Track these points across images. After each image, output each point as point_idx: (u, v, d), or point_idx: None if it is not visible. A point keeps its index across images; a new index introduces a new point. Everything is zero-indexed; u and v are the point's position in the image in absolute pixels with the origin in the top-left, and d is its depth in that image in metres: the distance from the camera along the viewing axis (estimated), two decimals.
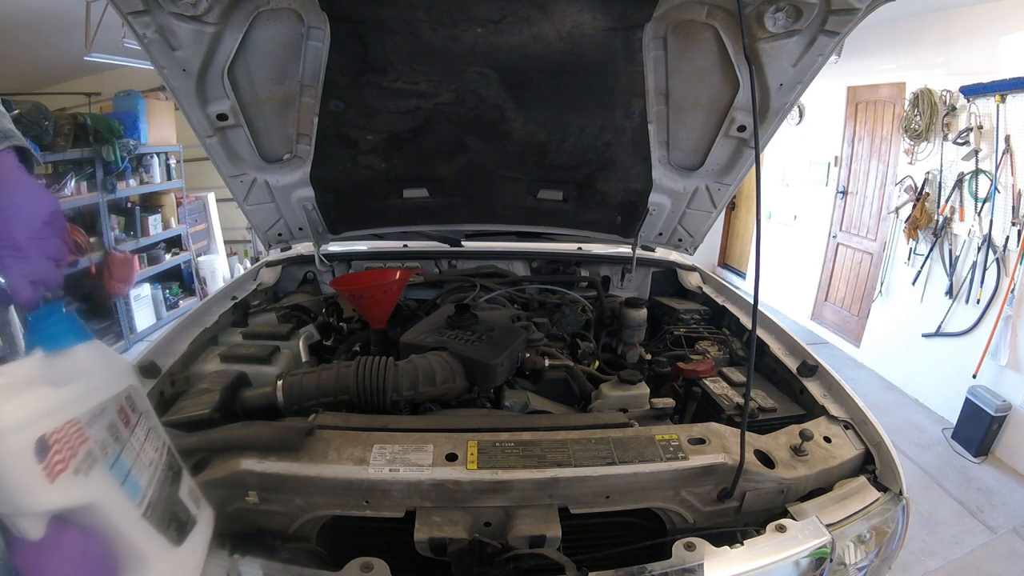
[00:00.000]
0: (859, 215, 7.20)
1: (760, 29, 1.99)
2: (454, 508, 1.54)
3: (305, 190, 2.70)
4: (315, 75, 2.23)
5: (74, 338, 1.09)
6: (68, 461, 0.94)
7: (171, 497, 1.21)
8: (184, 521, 1.23)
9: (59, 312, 1.10)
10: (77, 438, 0.97)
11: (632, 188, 2.80)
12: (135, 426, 1.15)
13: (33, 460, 0.88)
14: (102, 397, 1.08)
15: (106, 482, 1.02)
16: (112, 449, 1.06)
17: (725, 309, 3.02)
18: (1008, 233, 5.04)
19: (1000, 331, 5.13)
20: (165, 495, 1.19)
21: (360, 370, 1.92)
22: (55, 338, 1.06)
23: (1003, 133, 5.04)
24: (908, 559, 3.83)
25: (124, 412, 1.13)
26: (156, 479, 1.17)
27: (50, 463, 0.90)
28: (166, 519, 1.16)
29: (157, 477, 1.18)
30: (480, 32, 2.07)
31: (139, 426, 1.17)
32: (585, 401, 2.24)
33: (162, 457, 1.22)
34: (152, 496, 1.14)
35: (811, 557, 1.55)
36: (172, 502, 1.21)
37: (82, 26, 3.28)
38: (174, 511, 1.20)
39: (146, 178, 7.45)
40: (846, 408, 2.06)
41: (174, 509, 1.21)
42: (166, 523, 1.16)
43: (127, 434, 1.12)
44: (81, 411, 1.00)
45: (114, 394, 1.11)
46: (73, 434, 0.96)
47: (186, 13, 1.87)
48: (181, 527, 1.21)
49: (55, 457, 0.91)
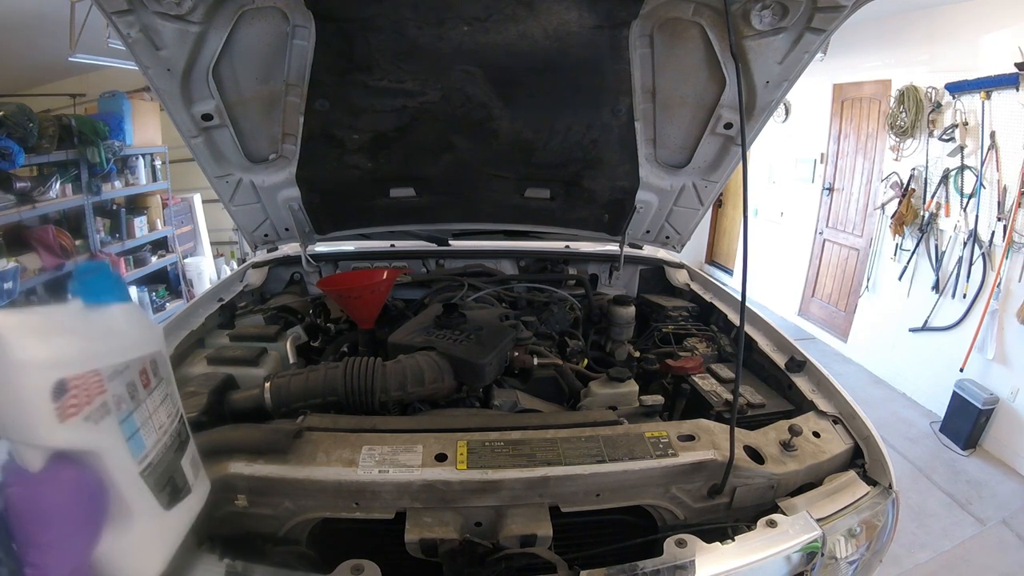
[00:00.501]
0: (845, 211, 7.23)
1: (746, 27, 2.00)
2: (444, 508, 1.54)
3: (291, 190, 2.68)
4: (300, 74, 2.22)
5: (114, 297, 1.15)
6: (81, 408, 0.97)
7: (172, 463, 1.25)
8: (179, 488, 1.26)
9: (105, 269, 1.21)
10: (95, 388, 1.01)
11: (619, 186, 2.80)
12: (153, 389, 1.21)
13: (48, 398, 0.92)
14: (128, 356, 1.13)
15: (113, 435, 1.06)
16: (126, 406, 1.11)
17: (713, 306, 3.03)
18: (993, 228, 5.08)
19: (986, 325, 5.17)
20: (167, 460, 1.22)
21: (348, 371, 1.91)
22: (96, 293, 1.12)
23: (988, 129, 5.08)
24: (898, 552, 3.85)
25: (146, 374, 1.19)
26: (162, 443, 1.21)
27: (64, 405, 0.94)
28: (162, 482, 1.19)
29: (163, 441, 1.22)
30: (466, 30, 2.06)
31: (157, 390, 1.22)
32: (574, 399, 2.24)
33: (172, 424, 1.27)
34: (154, 457, 1.17)
35: (802, 552, 1.56)
36: (172, 468, 1.24)
37: (66, 27, 3.25)
38: (172, 476, 1.23)
39: (131, 180, 7.38)
40: (834, 403, 2.07)
41: (172, 474, 1.24)
42: (161, 486, 1.19)
43: (144, 395, 1.17)
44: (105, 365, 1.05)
45: (140, 356, 1.17)
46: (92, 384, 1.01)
47: (170, 12, 1.86)
48: (175, 493, 1.24)
49: (70, 401, 0.95)
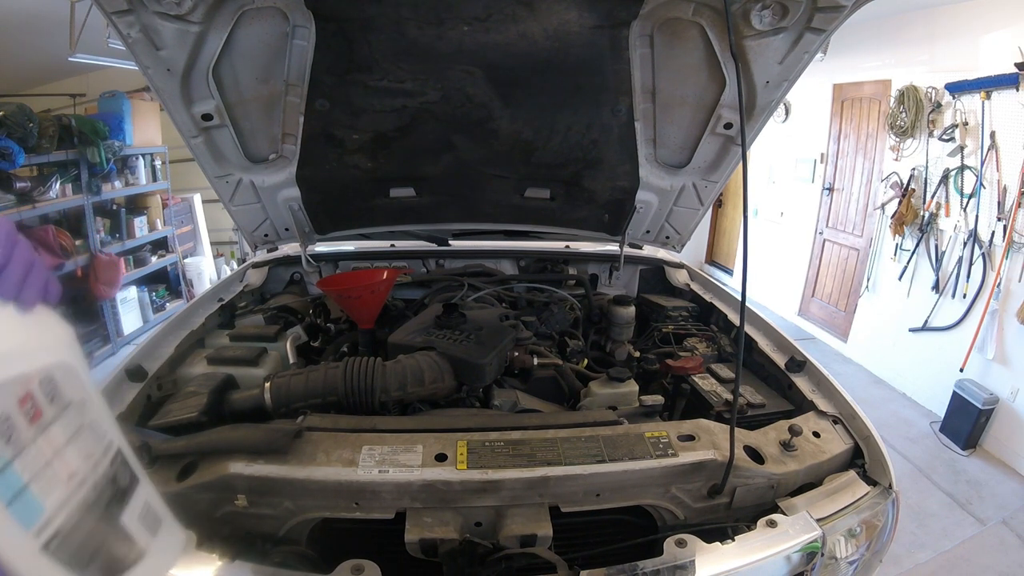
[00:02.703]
0: (845, 211, 7.23)
1: (746, 27, 2.00)
2: (444, 508, 1.53)
3: (291, 190, 2.68)
4: (300, 74, 2.22)
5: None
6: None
7: (102, 524, 0.84)
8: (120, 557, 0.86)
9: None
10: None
11: (619, 186, 2.80)
12: (50, 423, 0.77)
13: None
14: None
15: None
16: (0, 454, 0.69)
17: (713, 306, 3.03)
18: (993, 228, 5.08)
19: (986, 325, 5.17)
20: (91, 522, 0.82)
21: (348, 371, 1.91)
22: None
23: (988, 129, 5.08)
24: (898, 552, 3.85)
25: (31, 401, 0.74)
26: (78, 499, 0.80)
27: None
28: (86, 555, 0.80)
29: (80, 496, 0.81)
30: (466, 30, 2.06)
31: (58, 423, 0.78)
32: (574, 399, 2.24)
33: (98, 468, 0.84)
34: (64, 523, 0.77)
35: (802, 552, 1.56)
36: (103, 532, 0.84)
37: (66, 27, 3.24)
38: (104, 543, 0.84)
39: (131, 180, 7.38)
40: (834, 403, 2.07)
41: (105, 541, 0.84)
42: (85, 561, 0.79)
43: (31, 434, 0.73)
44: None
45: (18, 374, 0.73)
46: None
47: (170, 12, 1.86)
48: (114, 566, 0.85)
49: None
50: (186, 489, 1.47)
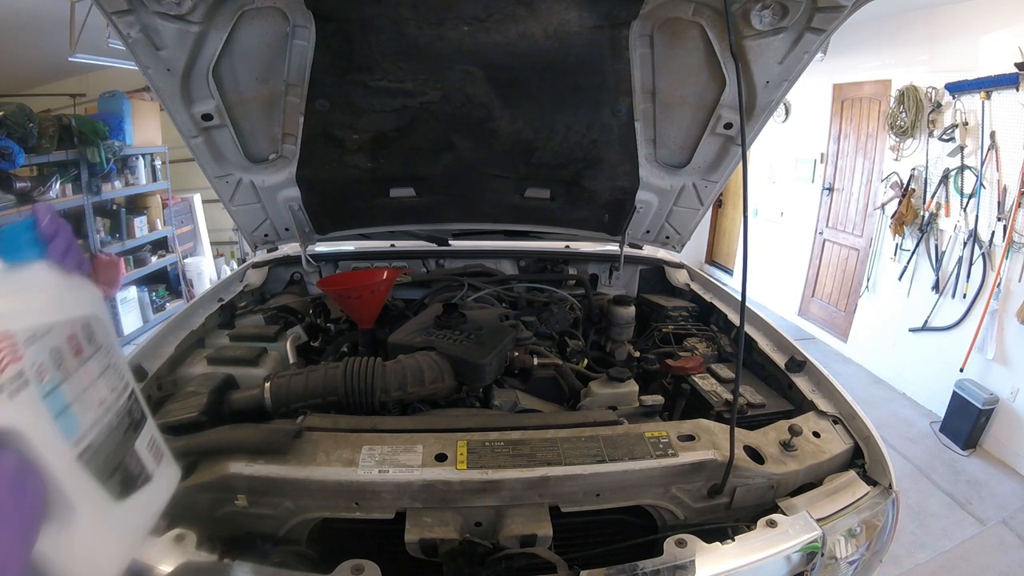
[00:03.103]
0: (845, 211, 7.23)
1: (746, 27, 2.00)
2: (444, 509, 1.53)
3: (291, 190, 2.68)
4: (300, 74, 2.22)
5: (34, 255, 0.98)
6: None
7: (122, 446, 1.06)
8: (134, 475, 1.08)
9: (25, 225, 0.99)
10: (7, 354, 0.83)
11: (619, 186, 2.80)
12: (88, 358, 0.99)
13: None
14: (51, 318, 0.93)
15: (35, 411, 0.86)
16: (51, 377, 0.90)
17: (713, 306, 3.03)
18: (993, 228, 5.08)
19: (986, 325, 5.17)
20: (114, 442, 1.03)
21: (348, 371, 1.91)
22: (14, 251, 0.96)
23: (988, 129, 5.08)
24: (898, 552, 3.85)
25: (76, 340, 0.98)
26: (104, 422, 1.01)
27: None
28: (109, 468, 1.00)
29: (106, 420, 1.02)
30: (466, 30, 2.06)
31: (93, 360, 1.01)
32: (574, 399, 2.24)
33: (119, 400, 1.07)
34: (95, 439, 0.97)
35: (802, 552, 1.56)
36: (122, 452, 1.06)
37: (66, 26, 3.24)
38: (122, 461, 1.05)
39: (131, 180, 7.39)
40: (834, 403, 2.07)
41: (123, 459, 1.05)
42: (108, 472, 0.99)
43: (75, 365, 0.96)
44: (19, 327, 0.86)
45: (67, 318, 0.97)
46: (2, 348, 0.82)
47: (170, 12, 1.86)
48: (128, 481, 1.06)
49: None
50: (186, 489, 1.47)
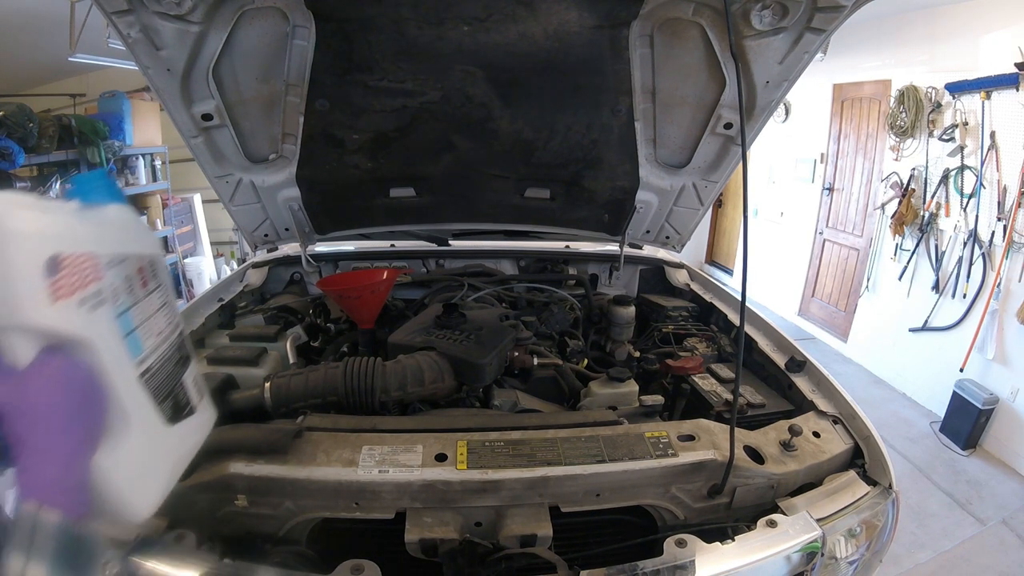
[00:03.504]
0: (845, 211, 7.23)
1: (746, 27, 2.00)
2: (444, 509, 1.53)
3: (291, 190, 2.68)
4: (300, 74, 2.22)
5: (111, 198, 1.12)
6: (75, 290, 0.91)
7: (174, 376, 1.19)
8: (182, 404, 1.21)
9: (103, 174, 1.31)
10: (90, 272, 0.95)
11: (619, 186, 2.80)
12: (151, 292, 1.14)
13: (41, 273, 0.85)
14: (125, 250, 1.07)
15: (109, 328, 0.99)
16: (123, 300, 1.03)
17: (713, 306, 3.03)
18: (993, 228, 5.08)
19: (986, 325, 5.17)
20: (168, 371, 1.16)
21: (348, 371, 1.91)
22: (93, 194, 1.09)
23: (988, 129, 5.08)
24: (898, 552, 3.86)
25: (143, 273, 1.12)
26: (161, 351, 1.14)
27: (57, 283, 0.87)
28: (163, 393, 1.12)
29: (163, 350, 1.15)
30: (466, 30, 2.06)
31: (155, 294, 1.15)
32: (574, 399, 2.24)
33: (172, 335, 1.20)
34: (154, 364, 1.10)
35: (802, 552, 1.56)
36: (174, 381, 1.18)
37: (66, 27, 3.25)
38: (173, 390, 1.17)
39: (131, 180, 7.38)
40: (834, 403, 2.07)
41: (174, 388, 1.18)
42: (162, 397, 1.12)
43: (142, 294, 1.10)
44: (101, 251, 0.98)
45: (138, 253, 1.12)
46: (87, 267, 0.94)
47: (170, 12, 1.86)
48: (178, 408, 1.18)
49: (63, 279, 0.88)
50: (186, 489, 1.47)
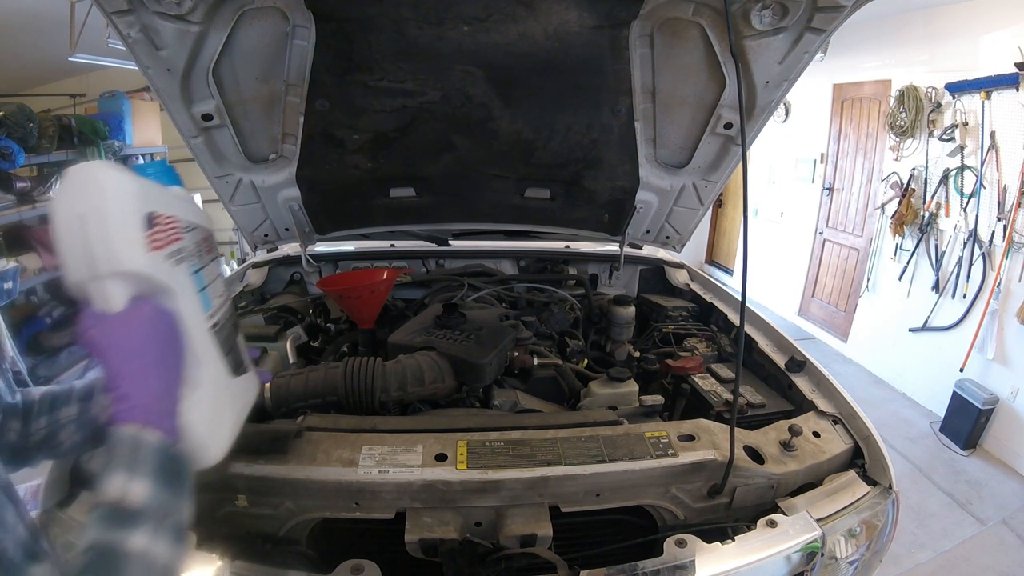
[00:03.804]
0: (845, 211, 7.23)
1: (746, 27, 2.00)
2: (444, 509, 1.54)
3: (291, 190, 2.68)
4: (300, 74, 2.22)
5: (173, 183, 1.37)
6: (165, 244, 1.03)
7: (231, 336, 1.29)
8: (239, 362, 1.31)
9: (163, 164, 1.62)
10: (174, 232, 1.07)
11: (619, 186, 2.80)
12: (213, 259, 1.25)
13: (140, 226, 0.97)
14: (195, 220, 1.18)
15: (187, 281, 1.10)
16: (196, 261, 1.15)
17: (713, 306, 3.03)
18: (993, 228, 5.07)
19: (986, 325, 5.16)
20: (228, 330, 1.26)
21: (348, 371, 1.91)
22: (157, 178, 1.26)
23: (988, 129, 5.07)
24: (898, 552, 3.85)
25: (207, 243, 1.24)
26: (223, 311, 1.26)
27: (152, 236, 0.99)
28: (226, 348, 1.23)
29: (223, 311, 1.26)
30: (466, 30, 2.06)
31: (215, 263, 1.27)
32: (574, 399, 2.24)
33: (226, 303, 1.31)
34: (219, 320, 1.22)
35: (802, 552, 1.56)
36: (232, 339, 1.29)
37: (66, 27, 3.24)
38: (233, 347, 1.28)
39: None
40: (834, 403, 2.07)
41: (233, 346, 1.28)
42: (226, 351, 1.22)
43: (208, 259, 1.22)
44: (181, 216, 1.10)
45: (203, 225, 1.23)
46: (171, 227, 1.06)
47: (170, 12, 1.85)
48: (237, 365, 1.29)
49: (156, 234, 1.00)
50: None
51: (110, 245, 0.93)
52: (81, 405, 1.14)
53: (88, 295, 0.96)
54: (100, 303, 0.96)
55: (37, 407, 1.13)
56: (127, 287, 0.96)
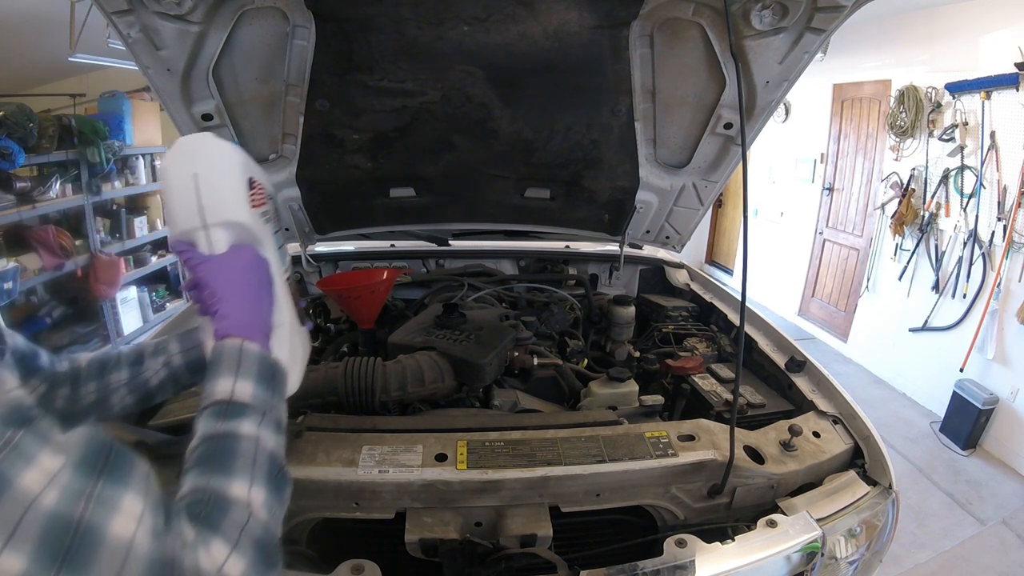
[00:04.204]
0: (845, 211, 7.23)
1: (746, 27, 2.00)
2: (444, 508, 1.54)
3: (291, 190, 2.68)
4: (300, 74, 2.22)
5: None
6: (259, 205, 1.23)
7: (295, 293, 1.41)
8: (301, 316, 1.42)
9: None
10: (265, 197, 1.27)
11: (619, 186, 2.80)
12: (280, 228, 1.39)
13: (245, 186, 1.19)
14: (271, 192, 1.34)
15: (272, 238, 1.28)
16: (274, 225, 1.32)
17: (713, 306, 3.03)
18: (993, 228, 5.08)
19: (986, 325, 5.17)
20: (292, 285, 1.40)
21: (348, 371, 1.91)
22: None
23: (988, 129, 5.08)
24: (898, 552, 3.85)
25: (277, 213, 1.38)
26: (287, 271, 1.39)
27: (253, 195, 1.20)
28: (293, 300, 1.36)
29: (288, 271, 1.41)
30: (466, 30, 2.06)
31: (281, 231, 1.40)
32: (574, 399, 2.24)
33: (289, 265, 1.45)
34: (290, 275, 1.40)
35: (802, 552, 1.56)
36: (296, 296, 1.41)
37: (66, 27, 3.23)
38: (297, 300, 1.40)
39: (131, 180, 7.36)
40: (834, 403, 2.07)
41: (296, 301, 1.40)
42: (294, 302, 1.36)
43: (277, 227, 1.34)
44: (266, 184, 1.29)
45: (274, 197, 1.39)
46: (263, 193, 1.26)
47: (170, 12, 1.85)
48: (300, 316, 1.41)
49: (256, 195, 1.21)
50: None
51: (223, 199, 1.14)
52: (132, 369, 1.25)
53: (195, 242, 1.14)
54: (206, 248, 1.14)
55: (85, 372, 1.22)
56: (230, 235, 1.16)
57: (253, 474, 0.88)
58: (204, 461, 0.88)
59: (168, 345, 1.30)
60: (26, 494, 0.61)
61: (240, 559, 0.77)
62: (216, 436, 0.91)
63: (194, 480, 0.85)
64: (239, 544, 0.78)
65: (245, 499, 0.85)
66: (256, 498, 0.86)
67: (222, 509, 0.81)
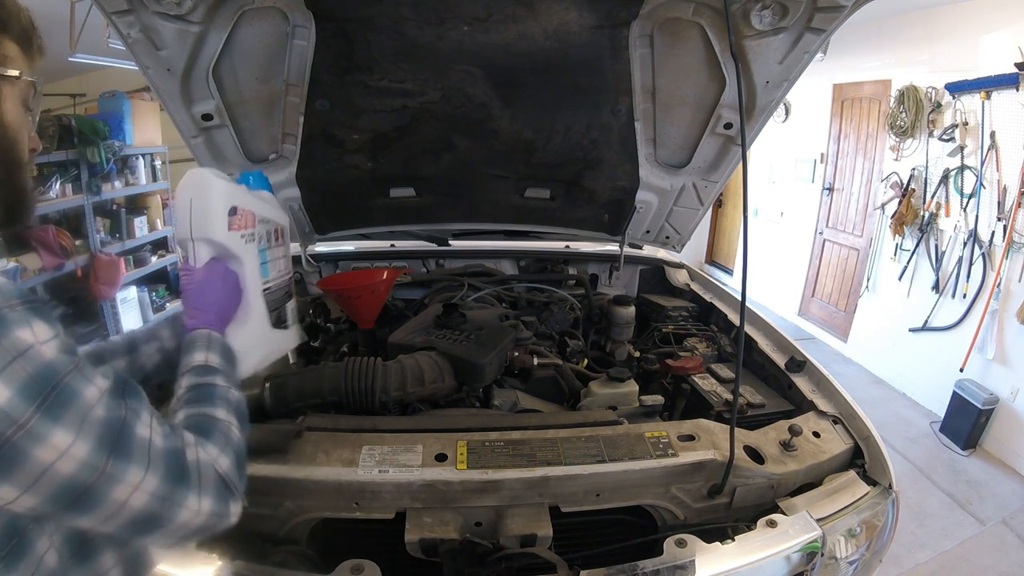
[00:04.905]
0: (845, 211, 7.23)
1: (746, 27, 2.00)
2: (444, 508, 1.54)
3: (291, 190, 2.68)
4: (300, 74, 2.22)
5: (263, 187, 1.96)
6: (241, 228, 1.56)
7: (281, 300, 1.81)
8: (283, 320, 1.83)
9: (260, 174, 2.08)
10: (250, 221, 1.60)
11: (619, 186, 2.80)
12: (279, 246, 1.79)
13: (225, 212, 1.51)
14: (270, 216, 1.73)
15: (253, 255, 1.63)
16: (263, 243, 1.68)
17: (713, 306, 3.03)
18: (993, 228, 5.07)
19: (986, 325, 5.16)
20: (278, 296, 1.79)
21: (348, 371, 1.91)
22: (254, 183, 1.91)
23: (988, 129, 5.07)
24: (898, 552, 3.85)
25: (277, 233, 1.79)
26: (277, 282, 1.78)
27: (233, 220, 1.53)
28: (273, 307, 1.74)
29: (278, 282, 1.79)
30: (466, 30, 2.06)
31: (280, 248, 1.81)
32: (574, 399, 2.24)
33: (285, 277, 1.85)
34: (272, 286, 1.74)
35: (802, 551, 1.56)
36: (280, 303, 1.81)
37: (66, 27, 3.24)
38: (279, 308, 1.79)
39: (131, 180, 7.36)
40: (834, 403, 2.07)
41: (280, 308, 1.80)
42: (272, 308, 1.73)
43: (275, 244, 1.76)
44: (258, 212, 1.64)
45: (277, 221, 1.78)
46: (249, 218, 1.60)
47: (170, 12, 1.86)
48: (280, 321, 1.80)
49: (237, 220, 1.54)
50: None
51: (204, 221, 1.47)
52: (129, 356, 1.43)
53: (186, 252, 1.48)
54: (191, 259, 1.47)
55: None
56: (209, 250, 1.49)
57: (229, 408, 1.17)
58: (194, 400, 1.16)
59: (160, 332, 1.50)
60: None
61: (227, 458, 1.04)
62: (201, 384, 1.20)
63: (188, 409, 1.13)
64: (226, 448, 1.06)
65: (226, 421, 1.13)
66: (233, 422, 1.14)
67: (212, 425, 1.10)
